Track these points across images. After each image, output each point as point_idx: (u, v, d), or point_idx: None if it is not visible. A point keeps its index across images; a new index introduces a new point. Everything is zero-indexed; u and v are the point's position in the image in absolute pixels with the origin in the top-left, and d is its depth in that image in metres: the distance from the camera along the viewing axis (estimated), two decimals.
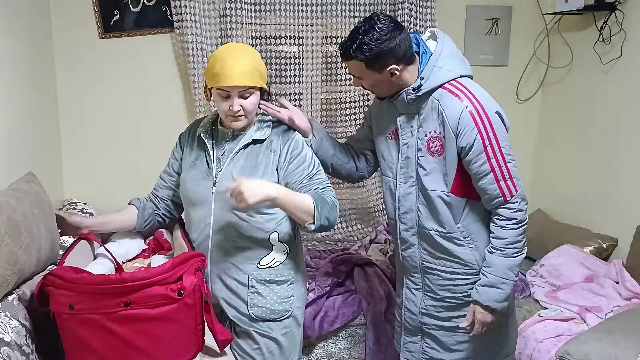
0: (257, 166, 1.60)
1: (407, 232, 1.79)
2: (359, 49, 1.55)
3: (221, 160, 1.62)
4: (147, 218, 1.75)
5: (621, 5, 2.70)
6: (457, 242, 1.72)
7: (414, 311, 1.87)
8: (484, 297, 1.67)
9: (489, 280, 1.67)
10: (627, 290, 2.42)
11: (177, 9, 2.56)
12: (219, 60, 1.51)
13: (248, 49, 1.60)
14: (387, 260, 2.76)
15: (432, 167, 1.67)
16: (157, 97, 2.72)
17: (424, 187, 1.70)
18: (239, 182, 1.44)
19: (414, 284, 1.86)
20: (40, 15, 2.42)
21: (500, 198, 1.62)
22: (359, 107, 3.02)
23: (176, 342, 1.39)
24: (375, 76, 1.62)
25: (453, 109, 1.59)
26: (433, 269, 1.78)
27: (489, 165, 1.59)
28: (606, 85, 2.85)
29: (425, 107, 1.65)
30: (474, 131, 1.58)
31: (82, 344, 1.34)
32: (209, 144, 1.64)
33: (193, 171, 1.66)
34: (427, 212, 1.72)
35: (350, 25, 2.88)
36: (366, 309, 2.40)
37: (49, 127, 2.50)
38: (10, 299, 1.39)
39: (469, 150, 1.59)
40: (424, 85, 1.62)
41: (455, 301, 1.78)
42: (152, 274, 1.34)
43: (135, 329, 1.34)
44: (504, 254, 1.65)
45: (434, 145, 1.66)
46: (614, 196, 2.82)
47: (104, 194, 2.67)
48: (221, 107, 1.56)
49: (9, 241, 1.37)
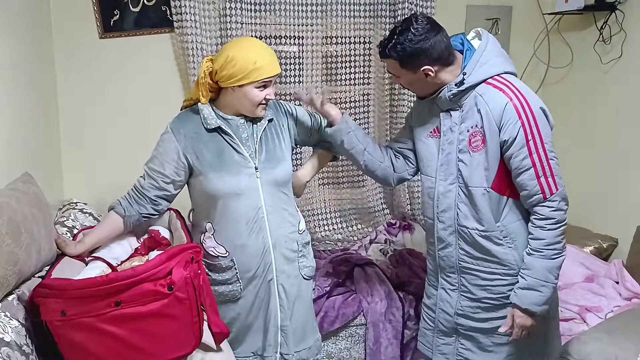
0: (280, 141, 1.80)
1: (445, 231, 1.77)
2: (393, 48, 1.60)
3: (249, 146, 1.74)
4: (134, 224, 1.73)
5: (621, 5, 2.70)
6: (496, 242, 1.69)
7: (449, 312, 1.85)
8: (523, 300, 1.64)
9: (528, 283, 1.63)
10: (627, 290, 2.42)
11: (177, 9, 2.56)
12: (255, 55, 1.63)
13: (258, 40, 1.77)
14: (387, 260, 2.76)
15: (473, 162, 1.66)
16: (157, 97, 2.71)
17: (465, 184, 1.69)
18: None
19: (449, 285, 1.83)
20: (40, 15, 2.42)
21: (540, 195, 1.59)
22: (359, 107, 3.02)
23: (173, 337, 1.39)
24: (410, 75, 1.65)
25: (496, 102, 1.59)
26: (470, 269, 1.76)
27: (530, 160, 1.58)
28: (606, 85, 2.85)
29: (467, 103, 1.65)
30: (517, 124, 1.57)
31: (79, 349, 1.33)
32: (235, 135, 1.72)
33: (226, 166, 1.70)
34: (466, 210, 1.71)
35: (350, 25, 2.88)
36: (366, 309, 2.40)
37: (48, 127, 2.49)
38: (10, 299, 1.39)
39: (511, 143, 1.58)
40: (466, 80, 1.62)
41: (493, 302, 1.75)
42: (139, 271, 1.33)
43: (129, 327, 1.33)
44: (543, 256, 1.62)
45: (475, 140, 1.65)
46: (614, 196, 2.83)
47: (104, 194, 2.67)
48: (256, 99, 1.67)
49: (10, 242, 1.37)
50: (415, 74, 1.64)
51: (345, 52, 2.93)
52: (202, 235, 1.77)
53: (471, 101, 1.65)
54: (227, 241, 1.74)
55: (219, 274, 1.76)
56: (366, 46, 2.99)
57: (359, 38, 2.96)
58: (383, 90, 2.98)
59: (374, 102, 3.08)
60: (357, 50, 2.96)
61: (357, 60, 2.97)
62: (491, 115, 1.60)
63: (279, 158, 1.78)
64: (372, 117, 3.10)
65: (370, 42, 2.99)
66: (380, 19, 2.90)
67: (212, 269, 1.77)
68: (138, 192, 1.73)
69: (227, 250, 1.75)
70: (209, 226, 1.75)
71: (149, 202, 1.73)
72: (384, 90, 2.97)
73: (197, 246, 1.46)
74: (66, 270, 1.52)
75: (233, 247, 1.74)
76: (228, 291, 1.77)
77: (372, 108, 3.09)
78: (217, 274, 1.77)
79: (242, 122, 1.75)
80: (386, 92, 2.97)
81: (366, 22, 2.91)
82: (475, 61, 1.63)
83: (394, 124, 3.01)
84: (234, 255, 1.75)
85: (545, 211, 1.60)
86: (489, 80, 1.63)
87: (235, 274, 1.76)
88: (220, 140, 1.71)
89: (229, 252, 1.75)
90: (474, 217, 1.70)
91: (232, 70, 1.63)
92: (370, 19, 2.91)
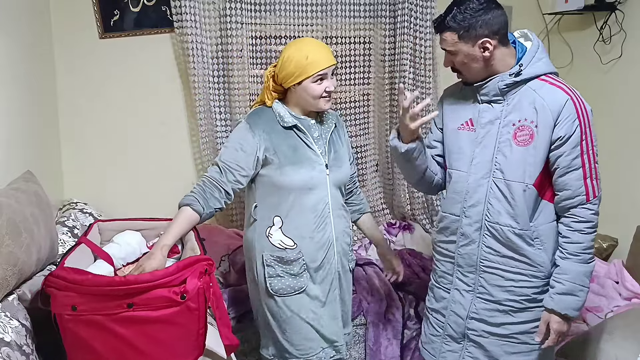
0: (343, 144, 1.95)
1: (471, 227, 1.72)
2: (453, 18, 1.58)
3: (320, 145, 1.85)
4: (206, 219, 1.75)
5: (621, 5, 2.70)
6: (528, 242, 1.65)
7: (461, 315, 1.79)
8: (561, 305, 1.61)
9: (566, 288, 1.60)
10: (627, 290, 2.42)
11: (177, 9, 2.56)
12: (307, 50, 1.73)
13: (311, 38, 1.97)
14: None
15: (514, 156, 1.63)
16: (157, 97, 2.71)
17: (504, 178, 1.65)
18: None
19: (465, 285, 1.78)
20: (40, 16, 2.42)
21: (583, 196, 1.58)
22: (359, 107, 3.02)
23: (177, 345, 1.39)
24: (468, 49, 1.60)
25: (555, 98, 1.57)
26: (492, 268, 1.71)
27: (580, 160, 1.57)
28: (606, 85, 2.85)
29: (516, 96, 1.63)
30: (575, 122, 1.56)
31: (84, 345, 1.34)
32: (308, 132, 1.82)
33: (301, 160, 1.79)
34: (499, 206, 1.66)
35: (350, 25, 2.88)
36: (366, 309, 2.40)
37: (48, 127, 2.50)
38: (10, 299, 1.39)
39: (566, 140, 1.56)
40: (524, 72, 1.60)
41: (514, 305, 1.70)
42: (157, 276, 1.34)
43: (136, 330, 1.34)
44: (581, 260, 1.60)
45: (521, 134, 1.61)
46: (614, 196, 2.82)
47: (104, 194, 2.67)
48: (315, 93, 1.76)
49: (10, 242, 1.37)
50: (473, 48, 1.59)
51: (345, 52, 2.93)
52: (268, 229, 1.82)
53: (521, 95, 1.62)
54: (296, 233, 1.82)
55: (287, 266, 1.83)
56: (366, 46, 2.99)
57: (359, 38, 2.96)
58: (383, 90, 2.98)
59: (374, 102, 3.09)
60: (357, 50, 2.96)
61: (357, 60, 2.97)
62: (548, 110, 1.57)
63: (343, 160, 1.92)
64: (372, 117, 3.10)
65: (370, 42, 2.99)
66: (380, 19, 2.90)
67: (280, 261, 1.83)
68: (214, 186, 1.74)
69: (295, 242, 1.82)
70: (278, 219, 1.81)
71: (224, 195, 1.75)
72: (384, 90, 2.97)
73: (211, 259, 1.47)
74: (79, 261, 1.53)
75: (301, 239, 1.83)
76: (295, 282, 1.84)
77: (372, 108, 3.09)
78: (286, 266, 1.83)
79: (313, 123, 1.86)
80: (386, 92, 2.97)
81: (366, 22, 2.91)
82: (531, 55, 1.61)
83: (394, 124, 3.01)
84: (302, 247, 1.83)
85: (586, 214, 1.59)
86: (543, 76, 1.62)
87: (302, 264, 1.84)
88: (294, 137, 1.81)
89: (296, 244, 1.82)
90: (508, 214, 1.65)
91: (289, 69, 1.74)
92: (370, 19, 2.91)
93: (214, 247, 2.41)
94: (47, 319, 1.39)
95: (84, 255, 1.63)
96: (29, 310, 1.42)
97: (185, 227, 1.68)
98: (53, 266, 1.63)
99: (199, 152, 2.74)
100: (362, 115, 3.05)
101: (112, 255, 1.69)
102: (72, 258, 1.51)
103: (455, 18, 1.58)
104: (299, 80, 1.75)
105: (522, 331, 1.72)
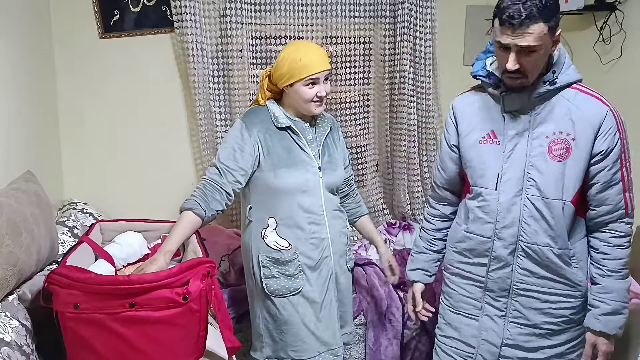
0: (336, 150, 1.94)
1: (506, 249, 1.58)
2: (544, 5, 1.36)
3: (314, 148, 1.86)
4: (208, 222, 1.74)
5: (621, 5, 2.70)
6: (566, 261, 1.56)
7: (494, 343, 1.65)
8: (610, 326, 1.52)
9: (612, 308, 1.52)
10: None
11: (177, 9, 2.56)
12: (301, 53, 1.74)
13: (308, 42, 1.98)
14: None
15: (551, 172, 1.51)
16: (157, 97, 2.71)
17: (542, 195, 1.52)
18: None
19: (497, 310, 1.65)
20: (40, 16, 2.42)
21: (622, 210, 1.51)
22: (359, 107, 3.02)
23: (177, 346, 1.39)
24: (548, 44, 1.43)
25: (595, 110, 1.48)
26: (529, 290, 1.60)
27: (620, 174, 1.50)
28: (606, 85, 2.84)
29: (547, 105, 1.51)
30: (616, 135, 1.48)
31: (84, 343, 1.34)
32: (302, 134, 1.83)
33: (294, 163, 1.80)
34: (536, 226, 1.54)
35: (350, 25, 2.87)
36: (366, 309, 2.40)
37: (48, 127, 2.49)
38: (10, 299, 1.39)
39: (608, 153, 1.48)
40: (559, 79, 1.49)
41: (552, 327, 1.60)
42: (160, 277, 1.34)
43: (137, 330, 1.34)
44: (621, 276, 1.52)
45: (557, 148, 1.50)
46: None
47: (104, 194, 2.67)
48: (307, 96, 1.77)
49: (10, 242, 1.37)
50: (552, 41, 1.43)
51: (345, 52, 2.93)
52: (263, 231, 1.83)
53: (553, 104, 1.50)
54: (291, 235, 1.83)
55: (283, 267, 1.83)
56: (366, 46, 2.99)
57: (359, 38, 2.95)
58: (383, 90, 2.98)
59: (374, 102, 3.08)
60: (357, 50, 2.96)
61: (357, 60, 2.97)
62: (588, 123, 1.47)
63: (338, 163, 1.93)
64: (372, 117, 3.10)
65: (370, 42, 2.99)
66: (380, 19, 2.90)
67: (275, 262, 1.83)
68: (215, 188, 1.73)
69: (290, 243, 1.83)
70: (272, 221, 1.82)
71: (225, 197, 1.74)
72: (384, 90, 2.97)
73: (213, 261, 1.47)
74: (81, 260, 1.53)
75: (296, 240, 1.83)
76: (291, 284, 1.84)
77: (372, 108, 3.09)
78: (281, 267, 1.83)
79: (307, 126, 1.87)
80: (386, 92, 2.97)
81: (366, 22, 2.91)
82: (562, 62, 1.50)
83: (394, 124, 3.01)
84: (297, 248, 1.84)
85: (625, 228, 1.53)
86: (575, 85, 1.51)
87: (298, 266, 1.84)
88: (288, 139, 1.82)
89: (291, 245, 1.83)
90: (546, 233, 1.54)
91: (283, 70, 1.76)
92: (370, 19, 2.91)
93: (214, 247, 2.41)
94: (47, 318, 1.39)
95: (85, 255, 1.63)
96: (29, 310, 1.42)
97: (187, 231, 1.67)
98: (55, 264, 1.63)
99: (199, 152, 2.74)
100: (362, 115, 3.04)
101: (113, 255, 1.69)
102: (74, 257, 1.51)
103: (546, 6, 1.36)
104: (291, 82, 1.76)
105: (558, 353, 1.64)
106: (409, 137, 2.97)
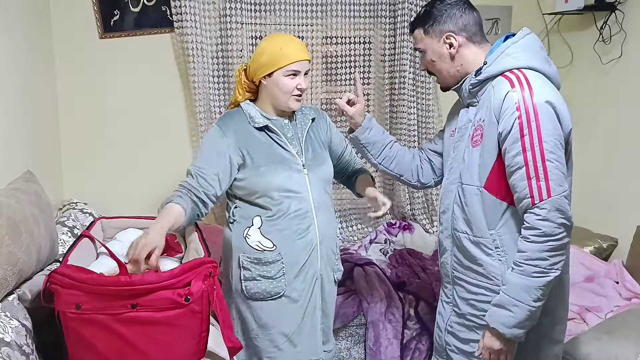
0: (323, 141, 1.88)
1: (443, 234, 1.64)
2: (419, 15, 1.60)
3: (295, 145, 1.79)
4: (190, 221, 1.69)
5: (621, 5, 2.70)
6: (485, 250, 1.51)
7: (441, 327, 1.69)
8: (492, 318, 1.45)
9: (500, 300, 1.44)
10: (627, 290, 2.42)
11: (177, 9, 2.56)
12: (282, 42, 1.70)
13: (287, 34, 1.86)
14: (387, 260, 2.76)
15: (470, 158, 1.53)
16: (157, 97, 2.71)
17: (460, 181, 1.56)
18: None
19: (445, 297, 1.69)
20: (40, 16, 2.42)
21: (528, 199, 1.38)
22: None
23: (179, 348, 1.39)
24: (434, 45, 1.56)
25: (499, 92, 1.44)
26: (461, 279, 1.60)
27: (522, 158, 1.38)
28: (606, 85, 2.85)
29: (483, 96, 1.52)
30: (513, 115, 1.39)
31: (86, 344, 1.34)
32: (281, 132, 1.77)
33: (277, 161, 1.74)
34: (459, 212, 1.56)
35: (350, 25, 2.88)
36: (366, 309, 2.40)
37: (48, 127, 2.50)
38: (10, 299, 1.39)
39: (506, 136, 1.41)
40: (485, 70, 1.50)
41: (476, 320, 1.56)
42: (162, 278, 1.34)
43: (139, 331, 1.34)
44: (522, 271, 1.39)
45: (475, 134, 1.52)
46: (614, 196, 2.83)
47: (104, 194, 2.67)
48: (287, 88, 1.71)
49: (10, 242, 1.37)
50: (439, 44, 1.55)
51: (345, 52, 2.93)
52: (246, 230, 1.75)
53: (486, 94, 1.51)
54: (277, 235, 1.75)
55: (264, 267, 1.75)
56: (366, 46, 2.99)
57: (359, 38, 2.96)
58: (383, 90, 2.98)
59: (374, 102, 3.09)
60: (357, 50, 2.96)
61: (357, 60, 2.97)
62: (492, 106, 1.45)
63: (324, 157, 1.86)
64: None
65: (370, 42, 2.99)
66: (380, 19, 2.90)
67: (257, 263, 1.75)
68: (189, 193, 1.66)
69: (275, 244, 1.75)
70: (257, 220, 1.75)
71: (199, 202, 1.67)
72: (384, 90, 2.97)
73: (215, 262, 1.46)
74: (82, 258, 1.52)
75: (282, 240, 1.75)
76: (272, 287, 1.75)
77: (372, 108, 3.09)
78: (263, 267, 1.75)
79: (286, 122, 1.81)
80: (386, 92, 2.97)
81: (366, 22, 2.91)
82: (499, 52, 1.49)
83: (394, 124, 3.01)
84: (282, 249, 1.75)
85: (531, 219, 1.38)
86: (506, 72, 1.47)
87: (281, 268, 1.75)
88: (267, 138, 1.76)
89: (276, 245, 1.75)
90: (464, 220, 1.55)
91: (261, 60, 1.70)
92: (370, 19, 2.91)
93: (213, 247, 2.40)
94: (47, 318, 1.39)
95: (86, 252, 1.63)
96: (29, 310, 1.42)
97: (171, 218, 1.57)
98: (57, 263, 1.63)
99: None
100: None
101: (115, 252, 1.69)
102: (75, 255, 1.51)
103: (421, 14, 1.59)
104: (271, 70, 1.69)
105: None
106: (409, 137, 2.97)
